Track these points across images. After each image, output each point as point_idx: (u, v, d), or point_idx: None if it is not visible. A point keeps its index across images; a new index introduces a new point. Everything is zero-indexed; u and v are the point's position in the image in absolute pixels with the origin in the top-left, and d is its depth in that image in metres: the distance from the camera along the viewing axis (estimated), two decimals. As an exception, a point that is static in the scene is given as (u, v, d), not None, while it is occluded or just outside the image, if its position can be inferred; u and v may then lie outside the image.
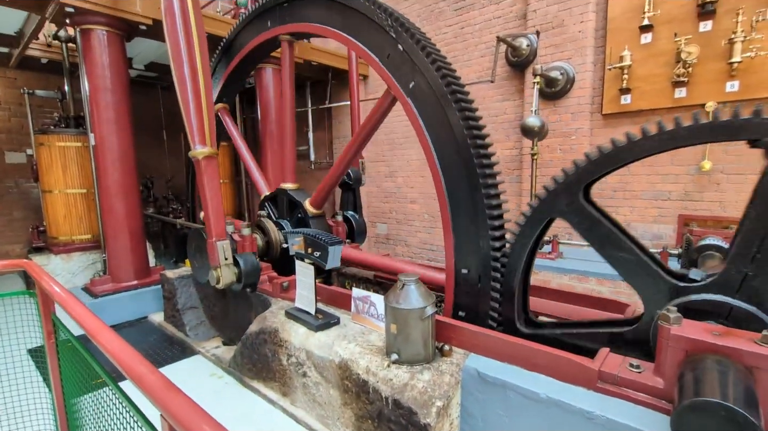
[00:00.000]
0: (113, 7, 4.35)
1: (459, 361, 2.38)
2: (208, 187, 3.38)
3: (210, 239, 3.41)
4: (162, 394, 0.86)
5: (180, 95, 3.24)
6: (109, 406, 1.44)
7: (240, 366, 3.45)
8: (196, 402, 0.84)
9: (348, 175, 5.10)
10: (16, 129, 6.99)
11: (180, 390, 0.87)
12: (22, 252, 7.05)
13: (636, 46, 4.44)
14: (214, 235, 3.40)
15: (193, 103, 3.24)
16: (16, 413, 2.75)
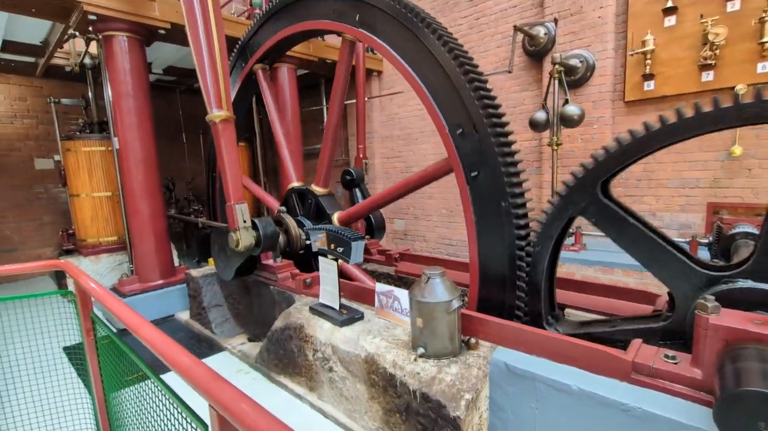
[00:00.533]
0: (133, 12, 4.45)
1: (486, 354, 2.37)
2: (226, 151, 3.42)
3: (229, 202, 3.44)
4: (210, 385, 0.88)
5: (196, 61, 3.31)
6: (149, 399, 1.49)
7: (266, 362, 3.51)
8: (244, 393, 0.86)
9: (350, 174, 5.16)
10: (44, 136, 7.23)
11: (227, 380, 0.89)
12: (53, 254, 7.30)
13: (659, 29, 4.30)
14: (233, 199, 3.43)
15: (209, 68, 3.31)
16: (58, 409, 2.86)
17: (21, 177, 7.08)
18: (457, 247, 6.54)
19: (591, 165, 2.17)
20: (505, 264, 2.60)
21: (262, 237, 3.47)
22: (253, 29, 4.59)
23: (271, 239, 3.53)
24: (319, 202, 4.11)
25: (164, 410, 1.26)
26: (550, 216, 2.37)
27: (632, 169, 4.56)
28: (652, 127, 1.99)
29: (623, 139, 2.08)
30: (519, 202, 2.56)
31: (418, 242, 7.18)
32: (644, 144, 2.02)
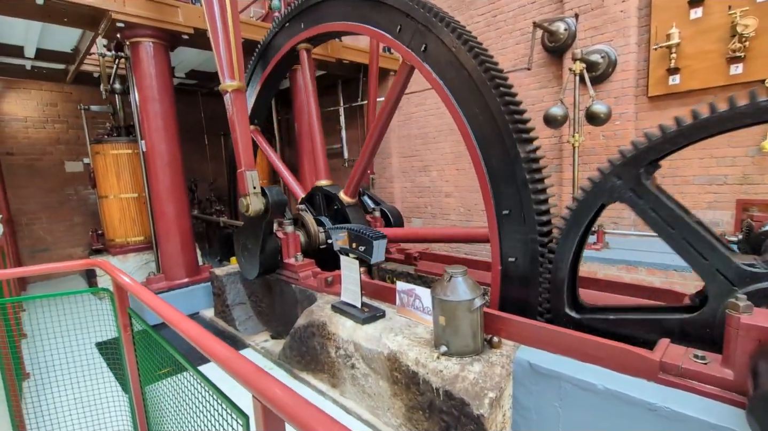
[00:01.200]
0: (159, 19, 4.59)
1: (509, 353, 2.38)
2: (237, 119, 3.59)
3: (240, 169, 3.62)
4: (254, 377, 0.92)
5: (211, 33, 3.51)
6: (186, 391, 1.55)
7: (289, 359, 3.59)
8: (284, 383, 0.90)
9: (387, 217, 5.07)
10: (74, 140, 7.51)
11: (269, 373, 0.94)
12: (83, 254, 7.58)
13: (685, 22, 4.20)
14: (244, 165, 3.61)
15: (223, 40, 3.51)
16: (93, 403, 3.00)
17: (53, 180, 7.39)
18: (475, 246, 6.51)
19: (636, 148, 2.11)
20: (528, 261, 2.60)
21: (270, 203, 3.62)
22: (272, 32, 4.68)
23: (279, 205, 3.67)
24: (346, 212, 4.17)
25: (203, 401, 1.32)
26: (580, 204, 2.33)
27: (656, 166, 4.46)
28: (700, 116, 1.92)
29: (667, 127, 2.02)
30: (541, 198, 2.55)
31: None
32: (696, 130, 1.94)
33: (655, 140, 2.04)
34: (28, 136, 7.13)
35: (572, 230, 2.39)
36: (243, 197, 3.59)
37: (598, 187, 2.25)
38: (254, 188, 3.57)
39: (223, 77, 3.55)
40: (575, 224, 2.36)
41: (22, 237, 7.14)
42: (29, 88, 7.08)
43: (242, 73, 3.62)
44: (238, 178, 3.64)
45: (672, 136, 2.00)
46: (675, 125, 1.99)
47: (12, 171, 6.96)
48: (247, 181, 3.56)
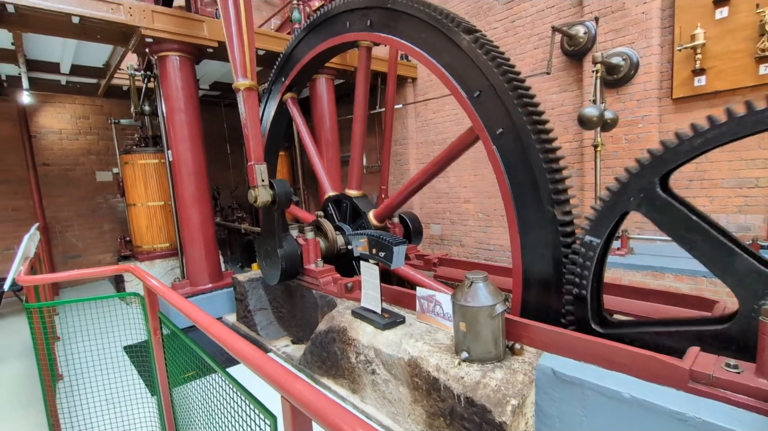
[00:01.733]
0: (185, 33, 4.78)
1: (531, 360, 2.35)
2: (248, 115, 3.78)
3: (250, 162, 3.81)
4: (283, 379, 0.96)
5: (226, 33, 3.75)
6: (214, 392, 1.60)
7: (310, 364, 3.63)
8: (312, 385, 0.93)
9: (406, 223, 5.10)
10: (104, 150, 7.85)
11: (297, 374, 0.97)
12: (112, 260, 7.88)
13: (710, 22, 4.10)
14: (254, 159, 3.80)
15: (237, 41, 3.73)
16: (122, 404, 3.10)
17: (84, 189, 7.72)
18: (495, 252, 6.45)
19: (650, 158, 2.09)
20: (550, 267, 2.58)
21: (277, 194, 3.80)
22: (293, 44, 4.80)
23: (285, 196, 3.86)
24: (354, 204, 4.24)
25: (230, 402, 1.36)
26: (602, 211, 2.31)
27: (683, 169, 4.34)
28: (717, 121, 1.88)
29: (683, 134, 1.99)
30: (563, 200, 2.53)
31: (455, 247, 7.15)
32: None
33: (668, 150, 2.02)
34: (63, 148, 7.48)
35: (595, 236, 2.35)
36: (252, 188, 3.81)
37: (616, 197, 2.22)
38: (262, 180, 3.79)
39: (236, 76, 3.78)
40: (597, 231, 2.33)
41: (56, 244, 7.47)
42: (64, 102, 7.45)
43: (254, 73, 3.83)
44: (248, 171, 3.86)
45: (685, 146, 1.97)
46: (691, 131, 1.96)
47: (48, 181, 7.31)
48: (255, 173, 3.77)
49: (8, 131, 6.93)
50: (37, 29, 4.30)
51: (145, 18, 4.46)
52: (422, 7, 3.14)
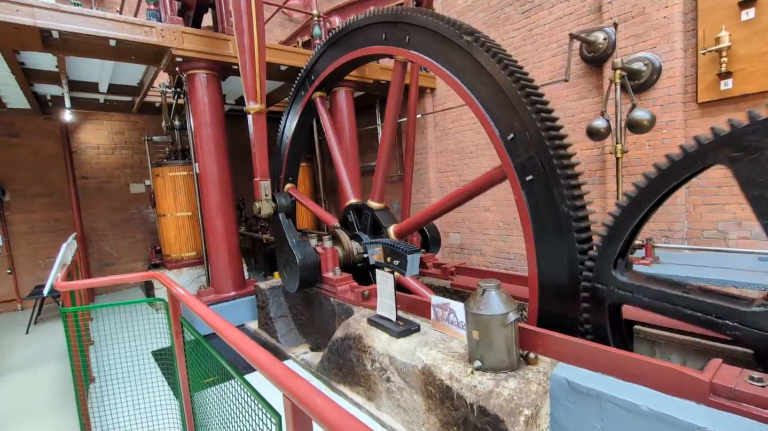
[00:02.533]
0: (212, 52, 5.03)
1: (546, 370, 2.31)
2: (256, 136, 4.38)
3: (256, 178, 4.42)
4: (285, 379, 1.01)
5: (239, 60, 4.17)
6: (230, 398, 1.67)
7: (327, 371, 3.68)
8: (312, 384, 0.98)
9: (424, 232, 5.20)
10: (137, 164, 8.27)
11: (299, 375, 1.02)
12: (143, 268, 8.23)
13: (735, 24, 3.98)
14: (259, 176, 4.44)
15: (249, 68, 4.16)
16: (148, 406, 3.23)
17: (119, 200, 8.14)
18: (515, 261, 6.36)
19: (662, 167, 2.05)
20: (566, 276, 2.54)
21: (278, 206, 4.49)
22: (314, 58, 4.97)
23: (285, 208, 4.54)
24: (375, 216, 4.27)
25: (245, 408, 1.42)
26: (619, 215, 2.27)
27: (709, 175, 4.19)
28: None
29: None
30: (579, 205, 2.50)
31: (474, 256, 7.09)
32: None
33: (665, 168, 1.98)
34: (100, 162, 7.94)
35: (613, 243, 2.32)
36: (256, 201, 4.44)
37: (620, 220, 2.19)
38: (266, 195, 4.44)
39: (248, 100, 4.20)
40: (616, 236, 2.30)
41: (92, 252, 7.89)
42: (102, 119, 7.93)
43: (264, 97, 4.29)
44: (254, 186, 4.43)
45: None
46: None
47: (86, 193, 7.76)
48: (260, 189, 4.43)
49: (52, 147, 7.43)
50: (78, 53, 4.63)
51: (176, 39, 4.73)
52: (465, 36, 3.00)
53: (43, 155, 7.36)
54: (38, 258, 7.34)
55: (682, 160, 2.01)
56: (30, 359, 4.90)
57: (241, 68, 4.19)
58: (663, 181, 2.09)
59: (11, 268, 7.08)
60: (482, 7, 6.40)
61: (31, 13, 3.85)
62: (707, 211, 4.31)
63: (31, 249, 7.29)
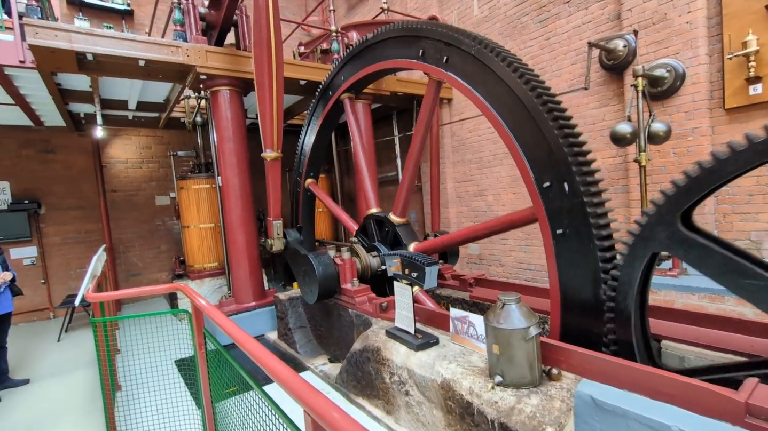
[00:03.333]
0: (234, 69, 5.20)
1: (570, 386, 2.25)
2: (272, 182, 4.99)
3: (269, 218, 5.10)
4: (306, 395, 1.02)
5: (259, 111, 4.56)
6: (249, 408, 1.70)
7: (345, 383, 3.67)
8: (331, 399, 0.99)
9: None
10: (163, 177, 8.56)
11: (318, 390, 1.03)
12: (167, 278, 8.46)
13: (763, 28, 3.85)
14: (272, 216, 5.10)
15: (267, 119, 4.57)
16: (174, 416, 3.30)
17: (146, 212, 8.42)
18: (536, 272, 6.23)
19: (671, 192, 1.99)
20: (590, 289, 2.48)
21: (289, 243, 5.14)
22: (333, 72, 5.07)
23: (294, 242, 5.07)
24: (397, 232, 4.27)
25: (264, 417, 1.44)
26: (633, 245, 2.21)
27: (741, 183, 4.04)
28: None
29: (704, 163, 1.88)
30: (601, 215, 2.44)
31: (494, 266, 6.99)
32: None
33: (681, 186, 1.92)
34: (128, 175, 8.26)
35: (636, 257, 2.25)
36: (268, 239, 5.18)
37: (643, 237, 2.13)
38: (278, 234, 5.15)
39: (265, 147, 4.72)
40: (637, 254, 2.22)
41: (120, 263, 8.16)
42: (130, 135, 8.27)
43: (280, 145, 4.79)
44: (267, 225, 5.15)
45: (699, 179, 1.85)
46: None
47: (114, 205, 8.07)
48: (273, 228, 5.11)
49: (85, 162, 7.78)
50: (110, 73, 4.87)
51: (200, 57, 4.92)
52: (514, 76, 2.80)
53: (76, 170, 7.71)
54: (70, 269, 7.64)
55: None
56: (61, 366, 5.08)
57: (260, 119, 4.60)
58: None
59: (45, 278, 7.40)
60: (498, 18, 6.42)
61: (68, 38, 4.08)
62: (738, 220, 4.14)
63: (64, 259, 7.61)
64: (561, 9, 5.55)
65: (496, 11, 6.45)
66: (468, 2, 6.94)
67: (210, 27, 5.43)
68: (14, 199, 7.14)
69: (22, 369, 5.00)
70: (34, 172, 7.37)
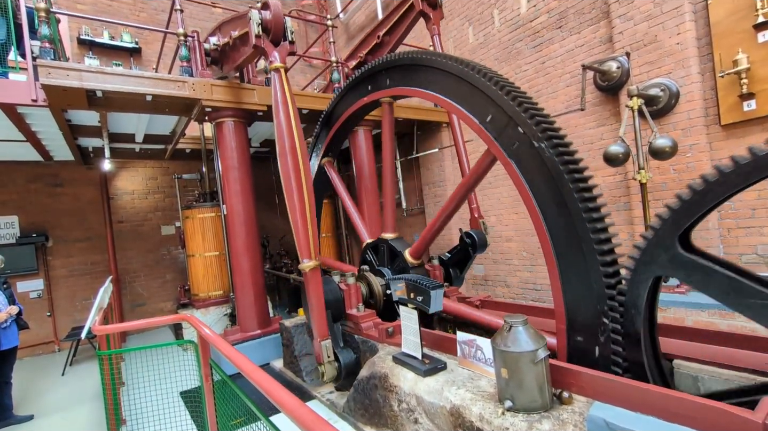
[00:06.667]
0: (238, 101, 5.36)
1: (582, 410, 2.21)
2: (313, 294, 3.83)
3: (316, 340, 3.81)
4: (313, 425, 1.02)
5: (291, 219, 3.88)
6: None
7: (353, 412, 3.60)
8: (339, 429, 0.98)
9: (471, 237, 4.79)
10: (168, 207, 8.67)
11: (327, 422, 1.03)
12: (172, 308, 8.43)
13: (752, 46, 3.96)
14: (319, 337, 3.80)
15: (301, 226, 3.84)
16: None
17: (151, 242, 8.49)
18: (543, 292, 6.17)
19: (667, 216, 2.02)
20: (595, 309, 2.46)
21: (343, 369, 3.87)
22: (335, 101, 5.21)
23: (351, 368, 3.89)
24: (391, 246, 4.32)
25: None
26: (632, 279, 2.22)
27: (743, 197, 4.05)
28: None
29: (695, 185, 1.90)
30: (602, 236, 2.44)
31: (499, 287, 6.93)
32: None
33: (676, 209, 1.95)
34: (134, 206, 8.38)
35: (642, 276, 2.25)
36: (319, 365, 3.86)
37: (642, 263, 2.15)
38: (328, 357, 3.82)
39: (302, 257, 3.83)
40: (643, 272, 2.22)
41: (125, 293, 8.16)
42: (137, 167, 8.44)
43: (317, 252, 3.92)
44: (314, 347, 3.88)
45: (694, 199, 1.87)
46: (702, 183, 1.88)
47: (121, 236, 8.15)
48: (322, 351, 3.80)
49: (93, 195, 7.92)
50: (119, 108, 5.04)
51: (205, 91, 5.09)
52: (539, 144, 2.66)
53: (83, 202, 7.84)
54: (75, 300, 7.65)
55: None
56: (65, 401, 5.02)
57: (293, 226, 3.88)
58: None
59: (51, 311, 7.40)
60: (493, 44, 6.62)
61: (79, 77, 4.25)
62: (743, 235, 4.13)
63: (70, 291, 7.63)
64: (554, 34, 5.73)
65: (491, 38, 6.66)
66: (464, 29, 7.18)
67: (215, 62, 5.64)
68: (22, 233, 7.24)
69: (25, 405, 4.94)
70: (43, 205, 7.50)
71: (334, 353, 3.85)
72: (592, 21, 5.27)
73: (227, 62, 5.07)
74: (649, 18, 4.58)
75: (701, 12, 4.30)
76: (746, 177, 1.76)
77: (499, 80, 2.94)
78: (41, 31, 4.16)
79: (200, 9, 9.30)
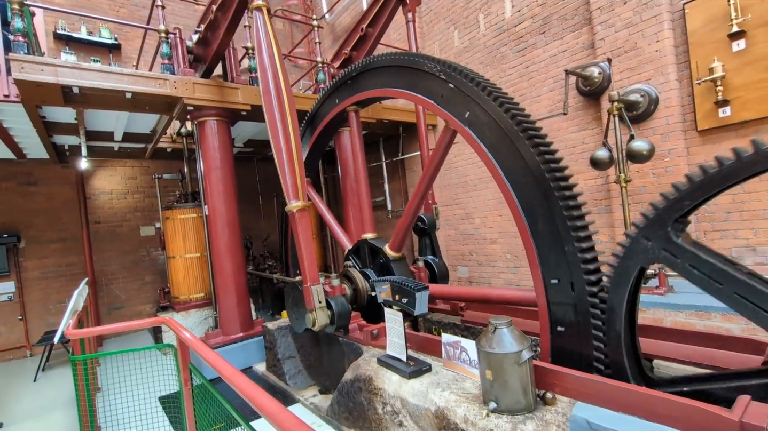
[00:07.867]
0: (222, 100, 5.27)
1: (565, 410, 2.22)
2: (302, 236, 3.69)
3: (305, 284, 3.67)
4: (295, 430, 0.99)
5: (277, 160, 3.75)
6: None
7: (337, 415, 3.55)
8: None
9: (422, 221, 5.25)
10: (148, 207, 8.45)
11: (309, 426, 1.00)
12: (152, 311, 8.21)
13: (727, 55, 4.10)
14: (309, 280, 3.66)
15: (288, 165, 3.71)
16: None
17: (130, 243, 8.26)
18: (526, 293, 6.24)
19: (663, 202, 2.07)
20: (576, 310, 2.49)
21: (336, 316, 3.65)
22: (319, 102, 5.17)
23: (344, 318, 3.70)
24: (371, 244, 4.30)
25: (252, 455, 1.38)
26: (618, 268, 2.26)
27: (718, 201, 4.17)
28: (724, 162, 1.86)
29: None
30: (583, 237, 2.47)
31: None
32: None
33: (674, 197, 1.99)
34: (112, 206, 8.14)
35: (622, 277, 2.29)
36: (309, 312, 3.66)
37: (631, 250, 2.18)
38: (319, 302, 3.62)
39: (288, 199, 3.69)
40: (624, 272, 2.26)
41: (102, 296, 7.91)
42: (116, 166, 8.21)
43: (305, 193, 3.77)
44: (304, 293, 3.70)
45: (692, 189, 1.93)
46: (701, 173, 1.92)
47: (98, 237, 7.90)
48: (312, 296, 3.61)
49: (68, 194, 7.66)
50: (97, 106, 4.88)
51: (187, 89, 4.98)
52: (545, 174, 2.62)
53: (58, 202, 7.58)
54: (49, 303, 7.38)
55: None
56: (37, 408, 4.82)
57: (279, 167, 3.73)
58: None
59: (22, 314, 7.11)
60: (478, 48, 6.69)
61: (54, 72, 4.10)
62: (719, 238, 4.26)
63: (43, 294, 7.35)
64: (537, 39, 5.82)
65: (476, 42, 6.72)
66: (449, 33, 7.23)
67: (198, 60, 5.53)
68: (-7, 233, 6.94)
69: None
70: (15, 205, 7.21)
71: (325, 299, 3.64)
72: (575, 27, 5.38)
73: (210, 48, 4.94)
74: (630, 25, 4.69)
75: (679, 21, 4.43)
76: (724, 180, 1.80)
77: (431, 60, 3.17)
78: (14, 24, 4.00)
79: (182, 6, 9.13)
